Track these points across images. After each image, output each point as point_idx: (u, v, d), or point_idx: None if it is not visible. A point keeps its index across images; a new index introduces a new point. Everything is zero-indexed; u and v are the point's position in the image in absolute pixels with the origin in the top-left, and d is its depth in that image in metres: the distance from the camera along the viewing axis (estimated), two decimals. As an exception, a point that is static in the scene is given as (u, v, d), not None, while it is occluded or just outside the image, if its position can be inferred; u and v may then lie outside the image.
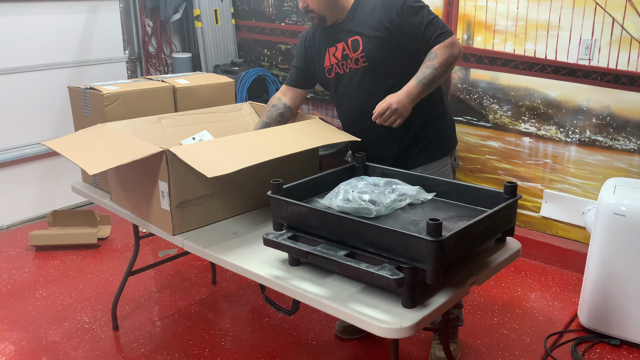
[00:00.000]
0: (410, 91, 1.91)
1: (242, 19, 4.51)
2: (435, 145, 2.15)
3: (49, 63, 3.78)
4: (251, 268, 1.66)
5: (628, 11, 2.78)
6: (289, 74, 2.35)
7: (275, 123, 2.26)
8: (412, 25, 1.96)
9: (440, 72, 1.94)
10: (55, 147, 2.01)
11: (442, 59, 1.94)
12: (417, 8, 1.98)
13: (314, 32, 2.20)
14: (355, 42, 2.03)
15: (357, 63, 2.05)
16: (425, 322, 1.41)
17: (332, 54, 2.11)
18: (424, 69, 1.94)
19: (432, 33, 1.96)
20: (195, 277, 3.10)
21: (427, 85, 1.93)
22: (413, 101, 1.92)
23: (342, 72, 2.10)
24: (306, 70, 2.27)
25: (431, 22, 1.96)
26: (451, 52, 1.95)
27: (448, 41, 1.96)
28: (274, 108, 2.29)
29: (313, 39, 2.20)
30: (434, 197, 1.79)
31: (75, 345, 2.50)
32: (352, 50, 2.05)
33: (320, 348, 2.48)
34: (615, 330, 2.48)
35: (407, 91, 1.91)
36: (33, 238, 3.37)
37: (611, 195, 2.40)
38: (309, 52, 2.22)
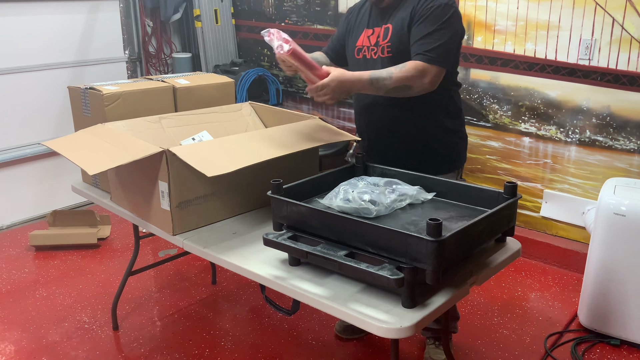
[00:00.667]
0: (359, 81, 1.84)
1: (242, 19, 4.51)
2: (444, 159, 2.09)
3: (49, 63, 3.78)
4: (251, 268, 1.66)
5: (628, 11, 2.78)
6: (329, 41, 2.29)
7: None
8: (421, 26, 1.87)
9: (390, 85, 1.84)
10: (55, 147, 2.01)
11: (402, 75, 1.83)
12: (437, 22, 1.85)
13: (361, 6, 2.14)
14: (387, 30, 1.98)
15: (383, 52, 1.99)
16: (425, 322, 1.41)
17: (367, 36, 2.05)
18: (384, 72, 1.85)
19: (420, 47, 1.85)
20: (195, 277, 3.10)
21: (375, 86, 1.85)
22: (348, 92, 1.86)
23: (370, 57, 2.04)
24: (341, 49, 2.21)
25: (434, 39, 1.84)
26: (415, 75, 1.82)
27: (425, 66, 1.82)
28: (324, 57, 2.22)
29: (358, 13, 2.13)
30: (434, 197, 1.79)
31: (75, 345, 2.50)
32: (382, 37, 1.99)
33: (320, 348, 2.48)
34: (615, 330, 2.48)
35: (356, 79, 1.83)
36: (33, 238, 3.37)
37: (611, 195, 2.40)
38: (349, 25, 2.15)
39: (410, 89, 1.86)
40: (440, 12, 1.87)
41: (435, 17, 1.86)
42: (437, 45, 1.84)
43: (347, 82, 1.83)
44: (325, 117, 4.11)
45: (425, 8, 1.88)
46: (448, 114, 2.06)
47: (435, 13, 1.86)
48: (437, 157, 2.08)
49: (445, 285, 1.51)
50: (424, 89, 1.86)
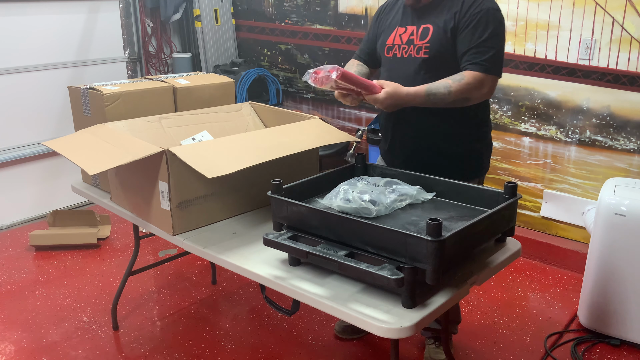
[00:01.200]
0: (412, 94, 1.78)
1: (242, 19, 4.51)
2: (467, 167, 2.04)
3: (49, 63, 3.78)
4: (251, 268, 1.66)
5: (628, 11, 2.78)
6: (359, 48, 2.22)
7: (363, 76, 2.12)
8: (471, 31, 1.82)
9: (450, 99, 1.80)
10: (55, 147, 2.01)
11: (461, 86, 1.78)
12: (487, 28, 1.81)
13: (394, 4, 2.08)
14: (426, 30, 1.91)
15: (418, 52, 1.92)
16: (425, 322, 1.41)
17: (399, 34, 1.99)
18: (441, 86, 1.79)
19: (478, 55, 1.80)
20: (195, 277, 3.10)
21: (432, 100, 1.80)
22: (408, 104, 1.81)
23: (400, 56, 1.98)
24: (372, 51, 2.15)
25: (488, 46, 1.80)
26: (475, 85, 1.79)
27: (483, 76, 1.80)
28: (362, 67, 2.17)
29: (391, 10, 2.08)
30: (434, 197, 1.79)
31: (75, 345, 2.50)
32: (419, 37, 1.92)
33: (320, 348, 2.48)
34: (615, 330, 2.48)
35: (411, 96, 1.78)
36: (33, 238, 3.37)
37: (611, 195, 2.40)
38: (381, 23, 2.10)
39: (468, 100, 1.83)
40: (490, 18, 1.83)
41: (485, 23, 1.82)
42: (492, 54, 1.82)
43: (402, 99, 1.78)
44: (325, 117, 4.11)
45: (473, 13, 1.83)
46: (477, 121, 2.01)
47: (484, 19, 1.82)
48: (459, 165, 2.02)
49: (445, 285, 1.51)
50: (482, 99, 1.85)
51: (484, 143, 2.07)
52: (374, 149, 3.65)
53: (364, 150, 3.89)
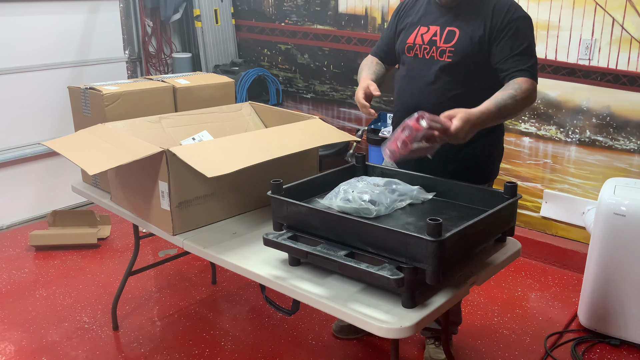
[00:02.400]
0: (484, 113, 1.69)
1: (242, 19, 4.51)
2: (479, 172, 2.03)
3: (49, 63, 3.78)
4: (251, 268, 1.66)
5: (628, 11, 2.78)
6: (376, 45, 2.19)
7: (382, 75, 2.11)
8: (510, 41, 1.81)
9: (517, 107, 1.76)
10: (55, 147, 2.01)
11: (525, 94, 1.76)
12: (522, 35, 1.82)
13: (414, 3, 2.05)
14: (452, 33, 1.88)
15: (441, 55, 1.89)
16: (425, 322, 1.41)
17: (420, 34, 1.95)
18: (506, 96, 1.74)
19: (523, 62, 1.80)
20: (195, 277, 3.10)
21: (503, 114, 1.75)
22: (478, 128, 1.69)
23: (422, 57, 1.94)
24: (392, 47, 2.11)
25: (528, 54, 1.81)
26: (532, 92, 1.79)
27: (533, 82, 1.80)
28: (380, 65, 2.13)
29: (412, 7, 2.04)
30: (434, 197, 1.79)
31: (75, 345, 2.50)
32: (443, 39, 1.89)
33: (320, 348, 2.48)
34: (615, 330, 2.48)
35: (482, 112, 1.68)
36: (33, 238, 3.37)
37: (611, 195, 2.40)
38: (400, 24, 2.05)
39: (527, 107, 1.83)
40: (528, 26, 1.85)
41: (524, 31, 1.83)
42: (534, 61, 1.83)
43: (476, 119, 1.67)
44: (325, 117, 4.11)
45: (508, 21, 1.83)
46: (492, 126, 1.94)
47: (521, 27, 1.83)
48: (470, 170, 1.99)
49: (445, 285, 1.51)
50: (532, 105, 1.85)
51: (497, 148, 2.06)
52: (374, 149, 3.65)
53: (364, 150, 3.89)
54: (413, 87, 1.99)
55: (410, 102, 1.99)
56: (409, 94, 2.01)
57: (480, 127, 1.70)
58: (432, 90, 1.93)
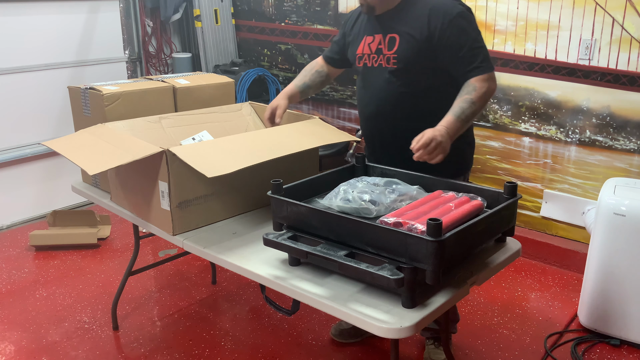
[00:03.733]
0: (449, 127, 1.78)
1: (242, 19, 4.51)
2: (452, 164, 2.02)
3: (49, 63, 3.78)
4: (251, 268, 1.66)
5: (628, 11, 2.78)
6: (328, 48, 2.28)
7: (314, 88, 2.25)
8: (452, 44, 1.86)
9: (478, 108, 1.84)
10: (55, 147, 2.01)
11: (480, 93, 1.83)
12: (464, 30, 1.87)
13: (358, 15, 2.13)
14: (392, 40, 1.94)
15: (388, 62, 1.96)
16: (425, 322, 1.41)
17: (367, 43, 2.02)
18: (462, 102, 1.83)
19: (472, 61, 1.86)
20: (195, 277, 3.10)
21: (465, 121, 1.82)
22: (452, 138, 1.79)
23: (371, 66, 2.02)
24: (342, 52, 2.20)
25: (474, 49, 1.86)
26: (489, 86, 1.85)
27: (487, 75, 1.86)
28: (318, 74, 2.24)
29: (356, 21, 2.12)
30: (434, 197, 1.79)
31: (75, 345, 2.50)
32: (387, 47, 1.96)
33: (320, 348, 2.48)
34: (615, 330, 2.48)
35: (447, 127, 1.78)
36: (33, 238, 3.37)
37: (611, 195, 2.40)
38: (348, 33, 2.14)
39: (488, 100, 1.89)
40: (465, 21, 1.88)
41: (464, 28, 1.87)
42: (484, 54, 1.88)
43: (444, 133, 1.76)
44: (325, 117, 4.11)
45: (447, 22, 1.86)
46: None
47: (460, 24, 1.86)
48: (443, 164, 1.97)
49: (445, 285, 1.51)
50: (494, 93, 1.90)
51: (465, 141, 2.09)
52: (374, 149, 3.64)
53: (363, 150, 3.88)
54: (369, 96, 2.07)
55: (368, 109, 2.08)
56: (367, 102, 2.08)
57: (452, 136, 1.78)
58: (386, 96, 2.00)
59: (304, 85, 2.25)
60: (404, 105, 1.97)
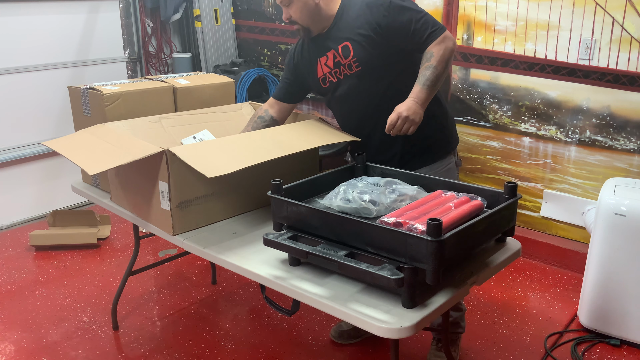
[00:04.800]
0: (417, 96, 1.86)
1: (242, 19, 4.51)
2: (439, 145, 2.11)
3: (49, 63, 3.78)
4: (251, 268, 1.66)
5: (628, 11, 2.78)
6: (277, 87, 2.31)
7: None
8: (400, 24, 1.92)
9: (440, 70, 1.89)
10: (55, 147, 2.01)
11: (438, 56, 1.89)
12: (404, 7, 1.93)
13: (302, 45, 2.17)
14: (346, 48, 1.99)
15: (350, 68, 2.01)
16: (425, 322, 1.41)
17: (323, 64, 2.07)
18: (424, 70, 1.89)
19: (424, 31, 1.91)
20: (195, 277, 3.10)
21: (431, 86, 1.88)
22: (422, 106, 1.86)
23: (337, 80, 2.06)
24: (295, 85, 2.23)
25: (420, 20, 1.91)
26: (445, 46, 1.90)
27: (440, 37, 1.91)
28: (260, 119, 2.26)
29: (302, 51, 2.17)
30: (434, 197, 1.79)
31: (75, 345, 2.50)
32: (343, 56, 2.00)
33: (320, 348, 2.48)
34: (615, 330, 2.48)
35: (414, 97, 1.86)
36: (33, 238, 3.37)
37: (611, 195, 2.40)
38: (299, 66, 2.18)
39: (450, 58, 1.93)
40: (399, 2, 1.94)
41: (400, 5, 1.93)
42: (426, 19, 1.93)
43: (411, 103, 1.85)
44: (325, 117, 4.11)
45: (386, 7, 1.92)
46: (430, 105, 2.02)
47: (398, 3, 1.93)
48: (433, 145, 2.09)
49: (445, 285, 1.51)
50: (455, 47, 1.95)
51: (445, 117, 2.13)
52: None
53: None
54: (348, 107, 2.10)
55: (353, 117, 2.12)
56: (348, 112, 2.12)
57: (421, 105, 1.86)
58: (364, 99, 2.04)
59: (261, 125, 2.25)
60: (384, 100, 2.01)
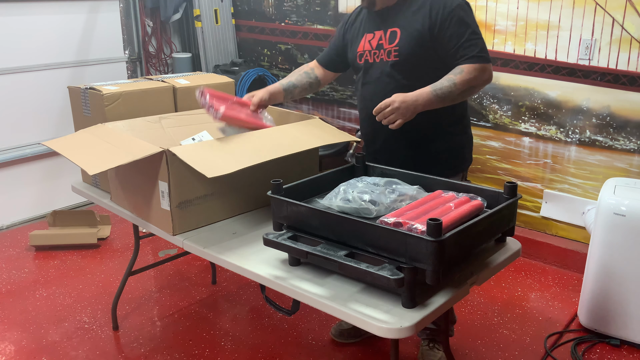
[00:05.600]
0: (420, 96, 1.84)
1: (242, 19, 4.51)
2: (450, 162, 2.09)
3: (49, 63, 3.78)
4: (251, 268, 1.66)
5: (628, 11, 2.78)
6: (323, 51, 2.30)
7: (300, 88, 2.25)
8: (451, 34, 1.90)
9: (457, 90, 1.86)
10: (55, 147, 2.01)
11: (465, 78, 1.87)
12: (464, 22, 1.90)
13: (357, 15, 2.16)
14: (394, 34, 1.97)
15: (389, 55, 1.98)
16: (425, 322, 1.41)
17: (368, 40, 2.05)
18: (444, 80, 1.87)
19: (468, 51, 1.89)
20: (195, 277, 3.10)
21: (440, 97, 1.85)
22: (419, 107, 1.84)
23: (372, 61, 2.04)
24: (339, 52, 2.22)
25: (472, 39, 1.89)
26: (477, 75, 1.88)
27: (480, 65, 1.88)
28: (306, 75, 2.25)
29: (354, 21, 2.16)
30: (434, 197, 1.79)
31: (75, 345, 2.50)
32: (388, 41, 1.98)
33: (320, 348, 2.48)
34: (615, 330, 2.48)
35: (417, 95, 1.84)
36: (33, 238, 3.37)
37: (611, 195, 2.40)
38: (347, 34, 2.17)
39: (474, 88, 1.92)
40: (464, 13, 1.92)
41: (462, 18, 1.91)
42: (480, 46, 1.91)
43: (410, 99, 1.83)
44: (325, 117, 4.11)
45: (447, 14, 1.90)
46: (453, 116, 2.06)
47: (460, 15, 1.91)
48: (442, 161, 2.07)
49: (445, 285, 1.51)
50: (486, 84, 1.94)
51: (464, 137, 2.13)
52: (374, 149, 3.64)
53: (362, 151, 3.88)
54: (371, 92, 2.08)
55: (370, 106, 2.06)
56: (369, 98, 2.09)
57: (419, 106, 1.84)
58: (387, 91, 2.00)
59: (289, 83, 2.24)
60: None
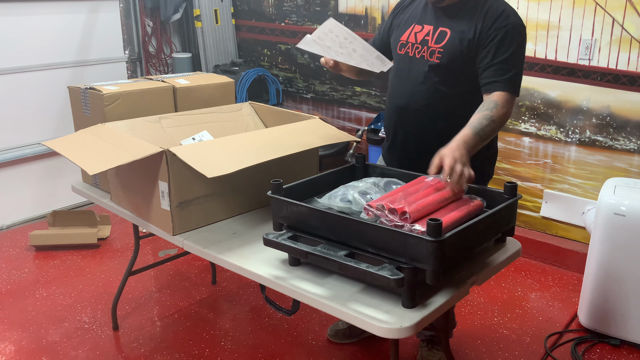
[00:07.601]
0: (467, 142, 1.67)
1: (242, 19, 4.51)
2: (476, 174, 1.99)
3: (49, 63, 3.78)
4: (251, 268, 1.66)
5: (628, 11, 2.78)
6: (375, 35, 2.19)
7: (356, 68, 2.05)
8: (490, 49, 1.79)
9: (497, 127, 1.75)
10: (55, 147, 2.01)
11: (501, 112, 1.74)
12: (508, 45, 1.78)
13: (412, 1, 2.04)
14: (443, 34, 1.87)
15: (431, 55, 1.88)
16: (425, 322, 1.41)
17: (414, 32, 1.94)
18: (482, 119, 1.72)
19: (500, 75, 1.77)
20: (195, 277, 3.10)
21: (484, 138, 1.72)
22: (469, 151, 1.66)
23: (412, 56, 1.93)
24: (384, 39, 2.10)
25: (508, 66, 1.77)
26: (507, 111, 1.76)
27: (509, 95, 1.77)
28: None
29: (409, 7, 2.04)
30: (434, 197, 1.78)
31: (75, 345, 2.50)
32: (434, 39, 1.88)
33: (320, 348, 2.48)
34: (615, 330, 2.48)
35: (464, 142, 1.66)
36: (33, 238, 3.37)
37: (611, 195, 2.40)
38: (396, 19, 2.05)
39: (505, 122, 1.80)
40: (516, 35, 1.80)
41: (511, 39, 1.79)
42: (515, 73, 1.79)
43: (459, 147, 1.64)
44: (325, 117, 4.11)
45: (498, 27, 1.79)
46: None
47: (510, 35, 1.79)
48: None
49: (445, 285, 1.51)
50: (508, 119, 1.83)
51: (489, 150, 2.00)
52: (374, 149, 3.65)
53: (364, 150, 3.89)
54: (402, 87, 1.99)
55: (399, 102, 2.01)
56: (399, 93, 2.01)
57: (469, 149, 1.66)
58: (421, 91, 1.93)
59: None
60: (437, 104, 1.91)
